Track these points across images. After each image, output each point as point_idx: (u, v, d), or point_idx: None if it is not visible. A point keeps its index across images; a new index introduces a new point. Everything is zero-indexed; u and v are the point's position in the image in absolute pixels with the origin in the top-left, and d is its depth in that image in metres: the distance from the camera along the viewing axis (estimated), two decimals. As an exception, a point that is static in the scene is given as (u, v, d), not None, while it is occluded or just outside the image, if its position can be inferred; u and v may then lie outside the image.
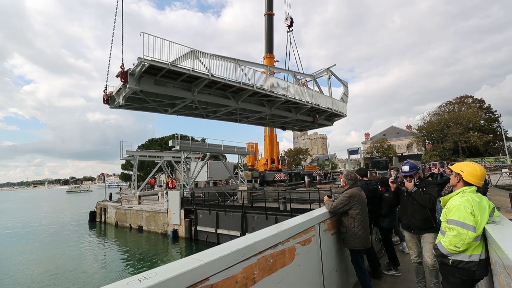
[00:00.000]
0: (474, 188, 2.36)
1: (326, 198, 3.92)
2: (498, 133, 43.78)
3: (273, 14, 32.10)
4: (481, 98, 48.06)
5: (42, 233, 24.41)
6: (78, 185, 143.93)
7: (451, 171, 2.58)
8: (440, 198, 2.71)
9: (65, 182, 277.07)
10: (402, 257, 5.08)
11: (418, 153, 51.82)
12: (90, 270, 14.21)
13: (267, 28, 31.95)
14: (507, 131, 44.39)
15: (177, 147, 21.17)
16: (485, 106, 46.57)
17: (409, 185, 3.57)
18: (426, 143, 51.06)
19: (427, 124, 47.52)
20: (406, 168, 3.62)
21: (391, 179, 4.19)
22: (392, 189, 4.00)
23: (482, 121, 44.73)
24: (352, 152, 23.74)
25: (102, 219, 27.43)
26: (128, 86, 12.31)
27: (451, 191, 2.58)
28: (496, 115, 45.58)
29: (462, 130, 41.38)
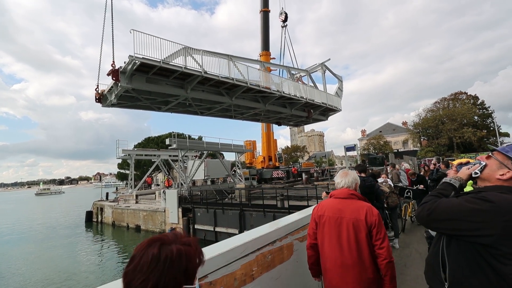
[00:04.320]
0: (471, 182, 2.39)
1: (324, 194, 3.97)
2: (491, 128, 44.30)
3: (269, 11, 31.95)
4: (475, 94, 48.62)
5: (39, 234, 24.26)
6: (49, 187, 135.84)
7: (446, 166, 2.62)
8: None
9: (61, 182, 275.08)
10: (397, 253, 5.16)
11: (414, 149, 52.23)
12: (88, 269, 14.17)
13: (263, 25, 31.81)
14: (500, 126, 44.96)
15: (174, 146, 21.08)
16: (479, 102, 47.07)
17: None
18: (422, 139, 51.47)
19: (422, 121, 47.92)
20: None
21: None
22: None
23: (476, 117, 45.24)
24: (348, 148, 23.65)
25: (99, 219, 27.29)
26: (119, 84, 12.17)
27: None
28: (490, 111, 46.12)
29: (457, 126, 41.81)
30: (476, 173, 1.47)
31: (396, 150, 54.14)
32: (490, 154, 1.46)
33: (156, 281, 0.77)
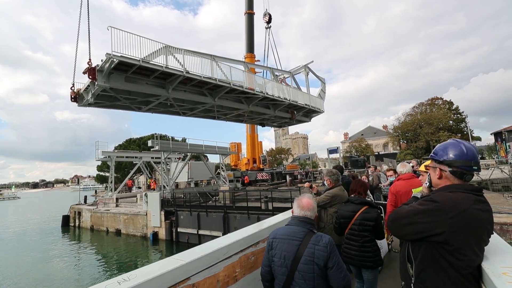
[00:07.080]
0: None
1: (307, 184, 4.05)
2: (465, 132, 46.73)
3: (254, 13, 32.11)
4: (450, 99, 51.14)
5: (10, 241, 22.93)
6: (1, 192, 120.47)
7: (426, 171, 2.72)
8: (412, 189, 3.09)
9: (35, 185, 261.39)
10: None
11: (394, 151, 54.12)
12: (65, 275, 13.51)
13: (248, 27, 31.91)
14: (473, 131, 47.51)
15: (157, 148, 20.64)
16: (454, 107, 49.53)
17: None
18: (401, 142, 53.45)
19: (401, 124, 49.80)
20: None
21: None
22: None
23: (451, 122, 47.57)
24: (331, 151, 24.26)
25: (77, 223, 26.19)
26: (96, 83, 11.74)
27: None
28: (463, 116, 48.65)
29: (433, 130, 43.80)
30: (426, 183, 1.71)
31: (377, 153, 55.91)
32: (426, 167, 1.73)
33: (362, 190, 3.28)
